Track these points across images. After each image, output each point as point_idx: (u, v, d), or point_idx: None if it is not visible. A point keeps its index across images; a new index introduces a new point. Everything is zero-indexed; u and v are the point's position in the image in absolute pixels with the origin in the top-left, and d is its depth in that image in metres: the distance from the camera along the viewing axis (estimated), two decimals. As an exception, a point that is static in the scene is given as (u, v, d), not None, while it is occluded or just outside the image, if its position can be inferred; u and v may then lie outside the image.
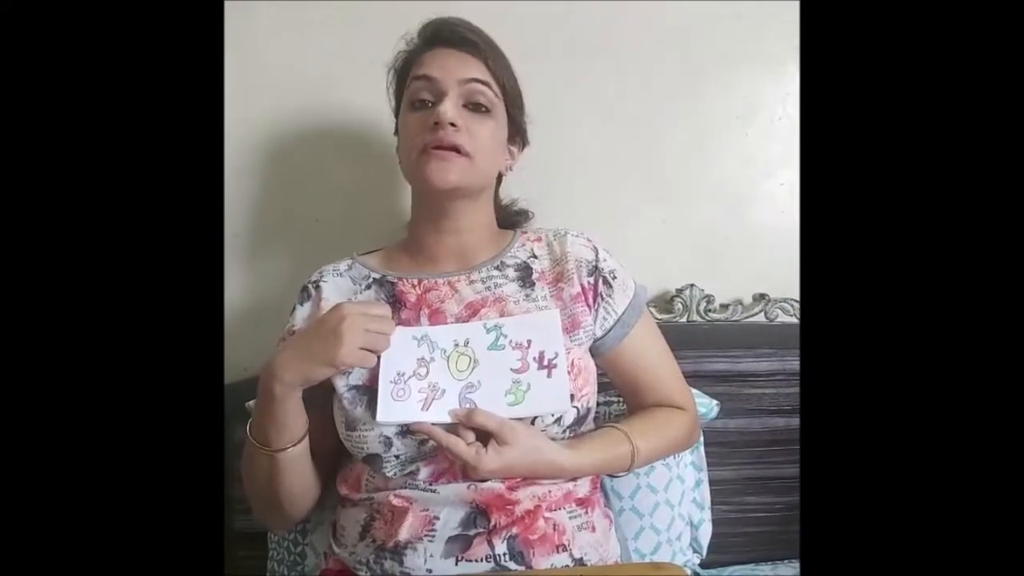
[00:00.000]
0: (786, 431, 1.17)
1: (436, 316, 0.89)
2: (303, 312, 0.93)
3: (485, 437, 0.79)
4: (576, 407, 0.84)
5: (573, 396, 0.84)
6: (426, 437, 0.80)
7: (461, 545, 0.79)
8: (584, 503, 0.86)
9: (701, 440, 1.08)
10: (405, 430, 0.81)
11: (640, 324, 0.93)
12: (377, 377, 0.83)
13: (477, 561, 0.79)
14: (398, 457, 0.83)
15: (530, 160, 1.03)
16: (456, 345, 0.85)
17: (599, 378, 0.92)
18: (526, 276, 0.92)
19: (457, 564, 0.79)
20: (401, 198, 1.19)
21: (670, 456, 1.00)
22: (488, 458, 0.78)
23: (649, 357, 0.95)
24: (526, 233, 0.98)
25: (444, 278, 0.92)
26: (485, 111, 0.91)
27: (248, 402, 0.99)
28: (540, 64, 1.05)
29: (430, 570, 0.79)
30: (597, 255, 0.93)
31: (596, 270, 0.92)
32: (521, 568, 0.79)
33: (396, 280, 0.93)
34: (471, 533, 0.80)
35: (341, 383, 0.85)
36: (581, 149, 1.25)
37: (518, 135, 0.99)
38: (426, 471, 0.83)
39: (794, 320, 1.27)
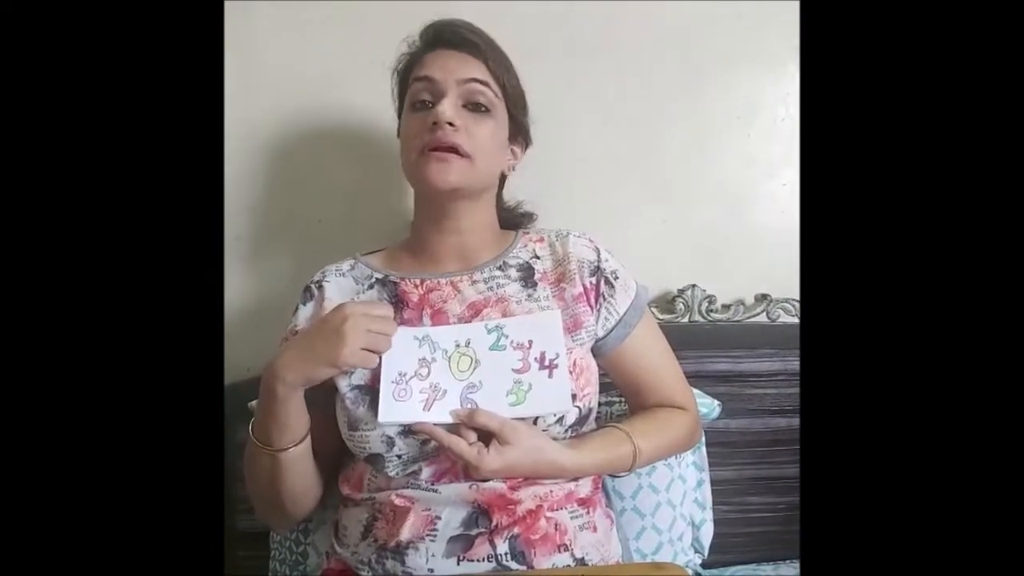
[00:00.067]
0: (788, 431, 1.17)
1: (439, 316, 0.89)
2: (306, 312, 0.93)
3: (487, 437, 0.80)
4: (578, 407, 0.84)
5: (575, 396, 0.84)
6: (428, 437, 0.80)
7: (463, 545, 0.79)
8: (586, 503, 0.86)
9: (703, 440, 1.08)
10: (407, 430, 0.81)
11: (642, 324, 0.93)
12: (379, 377, 0.83)
13: (479, 561, 0.79)
14: (400, 457, 0.83)
15: (530, 160, 1.03)
16: (457, 345, 0.85)
17: (601, 378, 0.92)
18: (528, 276, 0.92)
19: (459, 564, 0.79)
20: (403, 198, 1.19)
21: (672, 456, 1.01)
22: (490, 458, 0.78)
23: (651, 357, 0.95)
24: (528, 233, 0.98)
25: (447, 278, 0.92)
26: (485, 111, 0.91)
27: (250, 402, 0.99)
28: (540, 64, 1.05)
29: (432, 570, 0.79)
30: (599, 255, 0.93)
31: (598, 270, 0.92)
32: (522, 568, 0.79)
33: (399, 280, 0.93)
34: (473, 533, 0.80)
35: (344, 383, 0.85)
36: (581, 149, 1.25)
37: (520, 135, 0.99)
38: (428, 471, 0.83)
39: (796, 320, 1.27)
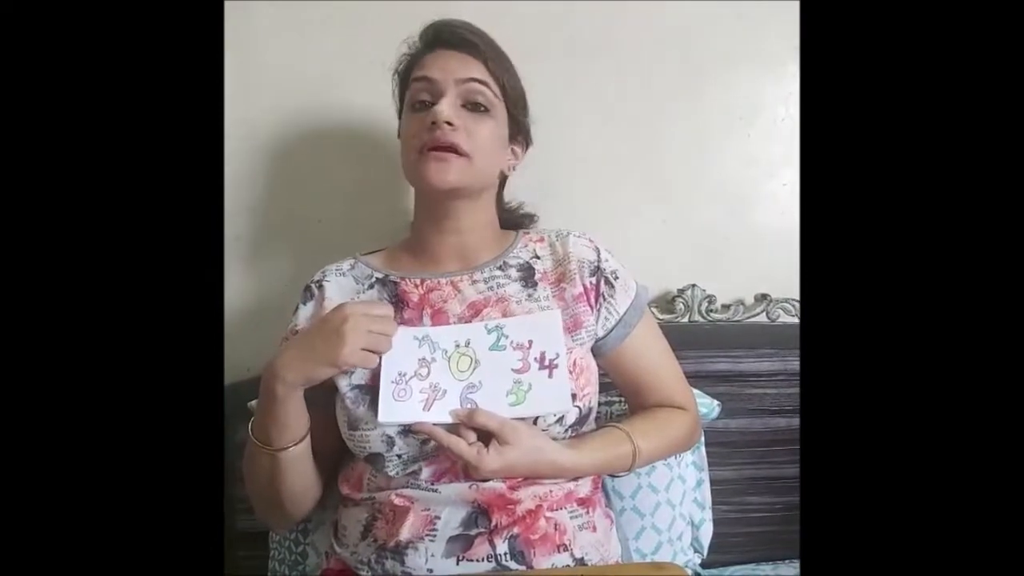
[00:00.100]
0: (787, 431, 1.17)
1: (439, 316, 0.89)
2: (306, 311, 0.93)
3: (486, 437, 0.80)
4: (578, 407, 0.84)
5: (575, 396, 0.84)
6: (428, 437, 0.80)
7: (462, 545, 0.79)
8: (585, 503, 0.86)
9: (702, 440, 1.08)
10: (407, 429, 0.81)
11: (642, 324, 0.93)
12: (379, 377, 0.83)
13: (478, 561, 0.79)
14: (400, 456, 0.83)
15: (530, 160, 1.03)
16: (457, 346, 0.85)
17: (600, 378, 0.92)
18: (528, 276, 0.92)
19: (458, 564, 0.79)
20: (403, 198, 1.19)
21: (671, 456, 1.01)
22: (489, 458, 0.78)
23: (650, 357, 0.95)
24: (528, 234, 0.98)
25: (447, 278, 0.92)
26: (484, 111, 0.91)
27: (250, 402, 0.99)
28: (540, 64, 1.05)
29: (431, 570, 0.79)
30: (599, 255, 0.93)
31: (598, 270, 0.92)
32: (522, 568, 0.79)
33: (399, 280, 0.93)
34: (472, 533, 0.80)
35: (344, 383, 0.85)
36: (581, 149, 1.25)
37: (520, 135, 0.99)
38: (428, 471, 0.83)
39: (796, 320, 1.27)
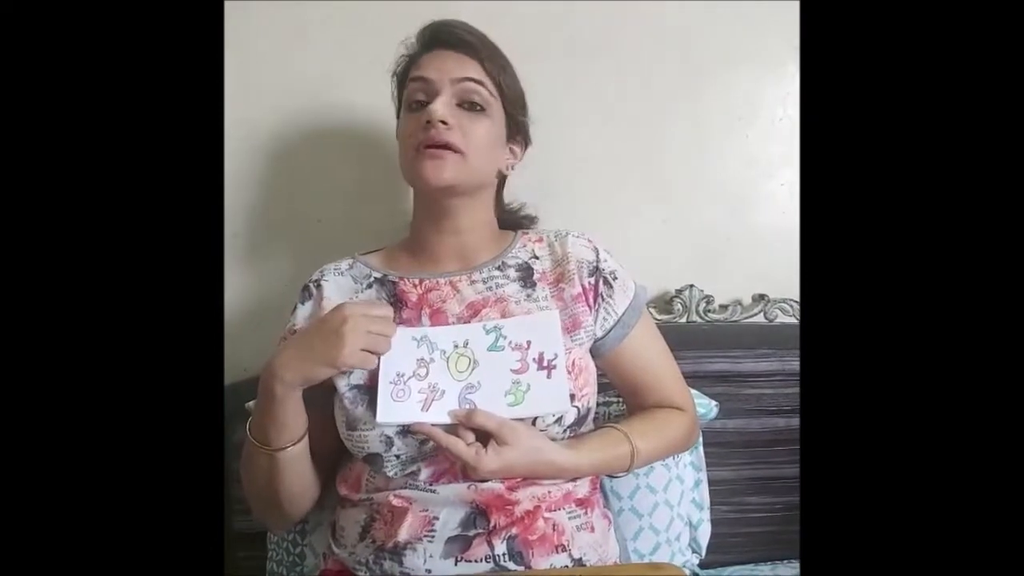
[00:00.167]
0: (785, 431, 1.17)
1: (437, 316, 0.89)
2: (304, 311, 0.93)
3: (485, 438, 0.80)
4: (576, 407, 0.84)
5: (573, 396, 0.84)
6: (426, 437, 0.80)
7: (460, 545, 0.79)
8: (583, 503, 0.86)
9: (700, 440, 1.08)
10: (406, 430, 0.81)
11: (640, 325, 0.93)
12: (378, 377, 0.83)
13: (476, 561, 0.79)
14: (399, 457, 0.83)
15: (530, 160, 1.03)
16: (456, 346, 0.85)
17: (599, 378, 0.92)
18: (527, 276, 0.92)
19: (456, 564, 0.79)
20: (402, 198, 1.19)
21: (670, 457, 1.01)
22: (488, 458, 0.78)
23: (649, 358, 0.95)
24: (527, 234, 0.98)
25: (445, 278, 0.92)
26: (480, 110, 0.91)
27: (248, 402, 0.99)
28: (540, 64, 1.05)
29: (429, 570, 0.79)
30: (598, 256, 0.93)
31: (597, 271, 0.92)
32: (520, 568, 0.79)
33: (397, 280, 0.93)
34: (471, 533, 0.80)
35: (342, 383, 0.85)
36: (581, 149, 1.25)
37: (519, 134, 0.99)
38: (426, 471, 0.83)
39: (793, 320, 1.27)
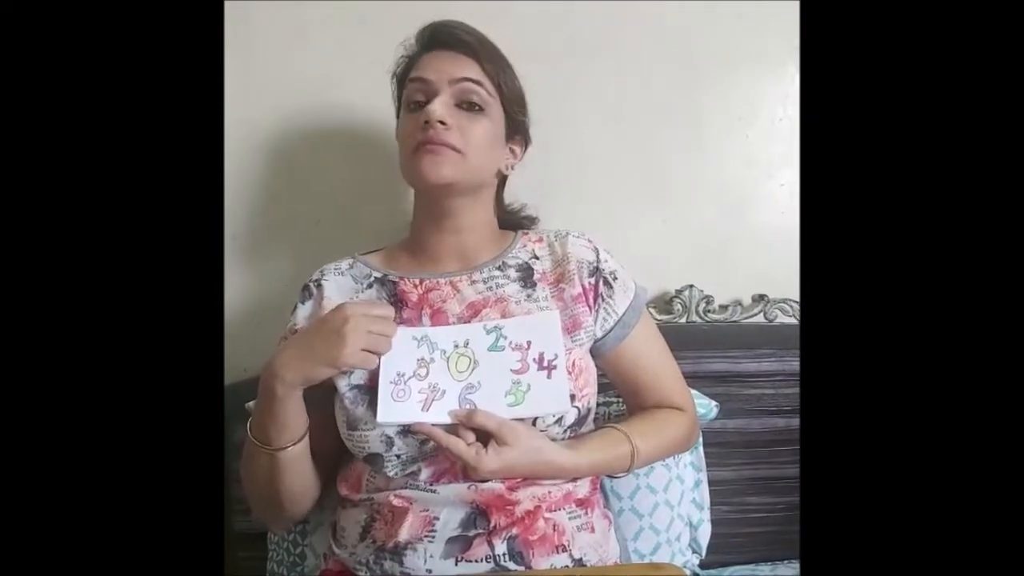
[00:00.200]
0: (785, 431, 1.17)
1: (438, 316, 0.89)
2: (304, 311, 0.93)
3: (485, 438, 0.80)
4: (577, 407, 0.84)
5: (574, 396, 0.84)
6: (427, 437, 0.80)
7: (461, 546, 0.79)
8: (584, 504, 0.86)
9: (700, 440, 1.08)
10: (406, 430, 0.81)
11: (640, 325, 0.93)
12: (378, 377, 0.83)
13: (477, 562, 0.79)
14: (399, 457, 0.83)
15: (530, 160, 1.03)
16: (456, 346, 0.85)
17: (599, 379, 0.92)
18: (527, 277, 0.92)
19: (457, 564, 0.79)
20: (402, 198, 1.19)
21: (670, 457, 1.01)
22: (488, 458, 0.78)
23: (649, 358, 0.95)
24: (527, 234, 0.98)
25: (446, 278, 0.92)
26: (479, 110, 0.91)
27: (248, 403, 0.99)
28: (540, 64, 1.05)
29: (430, 570, 0.79)
30: (598, 256, 0.94)
31: (597, 271, 0.92)
32: (521, 568, 0.79)
33: (398, 279, 0.93)
34: (471, 534, 0.80)
35: (343, 383, 0.85)
36: (581, 149, 1.25)
37: (519, 134, 0.99)
38: (427, 471, 0.83)
39: (793, 321, 1.27)
